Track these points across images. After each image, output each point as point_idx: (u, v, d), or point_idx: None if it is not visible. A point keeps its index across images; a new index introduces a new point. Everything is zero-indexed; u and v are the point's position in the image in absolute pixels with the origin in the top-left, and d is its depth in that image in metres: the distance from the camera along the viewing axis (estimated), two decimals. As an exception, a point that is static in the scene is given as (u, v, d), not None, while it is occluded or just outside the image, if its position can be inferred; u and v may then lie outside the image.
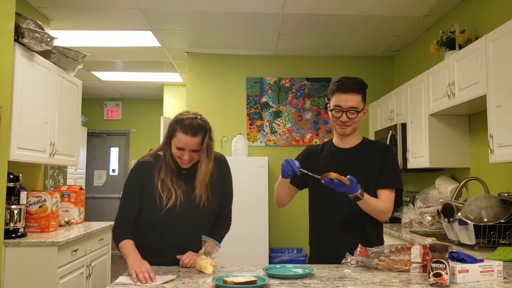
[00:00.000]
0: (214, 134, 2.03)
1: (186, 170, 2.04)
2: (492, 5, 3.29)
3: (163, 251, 2.01)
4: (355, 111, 2.05)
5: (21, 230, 3.10)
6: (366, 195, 1.92)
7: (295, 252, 5.07)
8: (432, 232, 3.37)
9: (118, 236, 2.00)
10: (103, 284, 3.78)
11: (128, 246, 1.95)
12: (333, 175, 1.81)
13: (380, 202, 2.00)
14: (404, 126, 4.02)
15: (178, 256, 1.97)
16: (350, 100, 2.04)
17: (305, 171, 1.92)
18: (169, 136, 2.00)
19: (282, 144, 5.33)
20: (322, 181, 1.84)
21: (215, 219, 2.13)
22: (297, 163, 1.94)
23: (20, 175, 3.18)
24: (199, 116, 1.99)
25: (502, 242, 2.47)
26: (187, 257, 1.96)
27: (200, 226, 2.05)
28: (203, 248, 1.94)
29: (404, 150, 3.98)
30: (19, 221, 3.06)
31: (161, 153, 2.06)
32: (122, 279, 1.70)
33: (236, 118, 5.35)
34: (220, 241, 2.07)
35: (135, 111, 8.09)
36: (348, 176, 1.83)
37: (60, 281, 3.03)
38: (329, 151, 2.17)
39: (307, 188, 2.22)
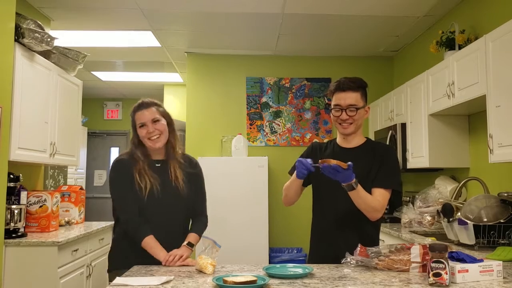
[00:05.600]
0: (213, 133, 2.14)
1: (159, 162, 2.19)
2: (492, 5, 3.29)
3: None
4: (355, 108, 2.07)
5: (22, 230, 3.10)
6: (360, 187, 1.93)
7: (295, 252, 5.07)
8: (431, 232, 3.37)
9: (141, 233, 2.08)
10: (103, 284, 3.78)
11: (152, 243, 2.06)
12: (332, 161, 1.83)
13: (373, 199, 2.00)
14: (403, 126, 4.02)
15: (163, 259, 2.03)
16: (349, 97, 2.07)
17: (316, 164, 1.93)
18: (133, 126, 2.18)
19: (282, 144, 5.34)
20: (320, 167, 1.86)
21: (193, 215, 2.26)
22: (309, 160, 1.96)
23: (21, 175, 3.18)
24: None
25: (502, 242, 2.47)
26: (170, 256, 2.02)
27: (180, 214, 2.18)
28: (203, 247, 1.96)
29: (404, 150, 3.98)
30: (20, 221, 3.07)
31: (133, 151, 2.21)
32: (119, 280, 1.70)
33: (236, 118, 5.35)
34: (200, 235, 2.19)
35: (135, 111, 8.08)
36: (349, 163, 1.84)
37: (60, 281, 3.04)
38: (332, 150, 2.19)
39: (309, 189, 2.23)
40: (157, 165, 2.18)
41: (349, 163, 1.85)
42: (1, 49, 2.90)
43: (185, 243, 2.12)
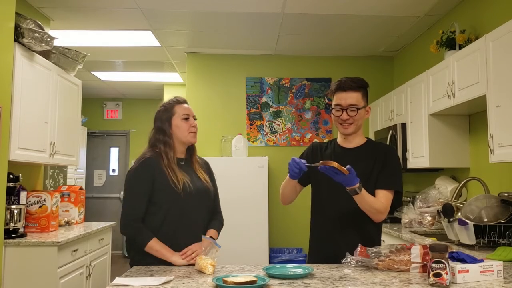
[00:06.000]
0: (213, 133, 2.15)
1: (183, 160, 2.21)
2: (492, 5, 3.29)
3: (180, 236, 2.08)
4: (355, 108, 2.06)
5: (21, 230, 3.10)
6: (364, 191, 1.92)
7: (295, 252, 5.07)
8: (432, 232, 3.37)
9: (144, 238, 2.04)
10: (103, 284, 3.78)
11: (158, 245, 2.03)
12: (334, 164, 1.81)
13: (376, 201, 2.00)
14: (404, 126, 4.02)
15: (180, 254, 2.02)
16: (349, 97, 2.07)
17: (310, 164, 1.93)
18: (168, 119, 2.17)
19: (282, 144, 5.33)
20: (319, 167, 1.84)
21: (211, 213, 2.27)
22: (303, 161, 1.94)
23: (20, 175, 3.18)
24: None
25: (502, 242, 2.47)
26: (189, 250, 2.02)
27: (206, 211, 2.21)
28: (203, 247, 1.95)
29: (404, 150, 3.98)
30: (19, 221, 3.06)
31: (157, 149, 2.16)
32: (119, 280, 1.70)
33: (236, 118, 5.35)
34: (219, 233, 2.22)
35: (135, 111, 8.09)
36: (348, 166, 1.83)
37: (60, 281, 3.03)
38: (332, 150, 2.19)
39: (309, 189, 2.23)
40: (181, 163, 2.20)
41: (348, 166, 1.83)
42: (1, 49, 2.89)
43: (208, 236, 2.13)
